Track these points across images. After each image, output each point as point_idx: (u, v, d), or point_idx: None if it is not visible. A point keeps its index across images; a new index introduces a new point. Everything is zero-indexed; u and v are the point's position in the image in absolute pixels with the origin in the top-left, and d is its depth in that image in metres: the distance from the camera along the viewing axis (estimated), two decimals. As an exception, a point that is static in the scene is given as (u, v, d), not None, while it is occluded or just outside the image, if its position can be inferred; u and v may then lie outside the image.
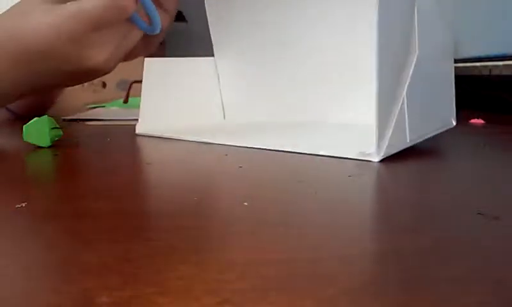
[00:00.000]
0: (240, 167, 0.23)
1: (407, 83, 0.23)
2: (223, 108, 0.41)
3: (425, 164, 0.22)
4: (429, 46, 0.25)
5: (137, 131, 0.36)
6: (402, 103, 0.23)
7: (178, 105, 0.38)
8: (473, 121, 0.37)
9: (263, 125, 0.37)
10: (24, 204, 0.17)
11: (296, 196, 0.18)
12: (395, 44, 0.23)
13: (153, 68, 0.37)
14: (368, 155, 0.23)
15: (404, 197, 0.18)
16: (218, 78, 0.41)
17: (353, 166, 0.22)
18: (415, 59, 0.24)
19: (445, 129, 0.27)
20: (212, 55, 0.41)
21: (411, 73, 0.24)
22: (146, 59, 0.36)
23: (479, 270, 0.11)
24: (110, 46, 0.40)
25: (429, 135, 0.26)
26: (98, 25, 0.38)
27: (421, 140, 0.25)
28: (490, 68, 0.41)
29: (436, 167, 0.22)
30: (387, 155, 0.22)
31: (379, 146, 0.22)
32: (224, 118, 0.41)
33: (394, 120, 0.23)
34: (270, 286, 0.10)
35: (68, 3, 0.38)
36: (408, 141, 0.24)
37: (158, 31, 0.39)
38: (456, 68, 0.44)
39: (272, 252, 0.12)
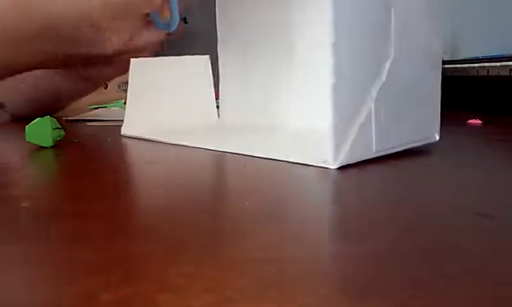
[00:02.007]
0: (244, 166, 0.23)
1: (377, 89, 0.22)
2: (216, 107, 0.39)
3: (422, 164, 0.23)
4: (409, 51, 0.24)
5: (122, 132, 0.35)
6: (369, 111, 0.22)
7: (166, 106, 0.36)
8: (470, 121, 0.37)
9: (261, 127, 0.35)
10: (26, 204, 0.17)
11: (297, 195, 0.18)
12: (358, 44, 0.21)
13: (140, 68, 0.35)
14: (324, 161, 0.21)
15: (401, 197, 0.18)
16: (210, 77, 0.39)
17: (351, 166, 0.22)
18: (388, 64, 0.23)
19: (425, 143, 0.26)
20: (212, 55, 0.40)
21: (384, 78, 0.22)
22: (132, 59, 0.35)
23: (475, 269, 0.11)
24: (126, 35, 0.41)
25: (402, 148, 0.24)
26: (124, 13, 0.39)
27: (392, 152, 0.23)
28: (488, 69, 0.41)
29: (434, 167, 0.23)
30: (346, 163, 0.21)
31: (336, 153, 0.21)
32: (218, 116, 0.39)
33: (357, 128, 0.21)
34: (270, 284, 0.10)
35: None
36: (374, 151, 0.22)
37: (173, 29, 0.41)
38: (453, 68, 0.45)
39: (273, 251, 0.12)
